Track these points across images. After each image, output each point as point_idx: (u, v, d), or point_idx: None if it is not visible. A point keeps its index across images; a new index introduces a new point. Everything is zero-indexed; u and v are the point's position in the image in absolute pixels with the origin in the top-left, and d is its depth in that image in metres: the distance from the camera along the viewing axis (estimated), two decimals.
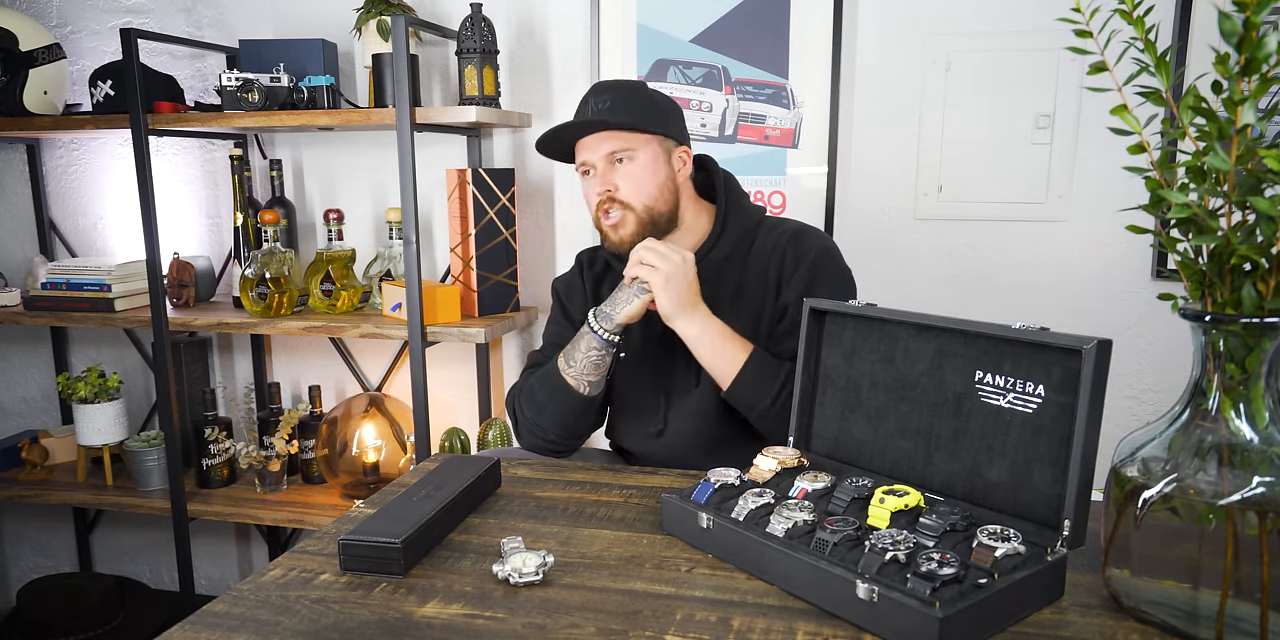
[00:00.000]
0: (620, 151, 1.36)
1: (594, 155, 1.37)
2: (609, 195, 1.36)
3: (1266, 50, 0.71)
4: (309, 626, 0.83)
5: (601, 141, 1.36)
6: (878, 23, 1.90)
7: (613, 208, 1.37)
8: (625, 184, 1.36)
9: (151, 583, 2.60)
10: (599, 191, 1.37)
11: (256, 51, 2.02)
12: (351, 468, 2.19)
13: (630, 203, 1.36)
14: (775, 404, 1.29)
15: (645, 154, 1.37)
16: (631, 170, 1.36)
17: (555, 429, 1.39)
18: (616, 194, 1.36)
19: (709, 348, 1.31)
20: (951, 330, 0.97)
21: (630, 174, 1.36)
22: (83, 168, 2.41)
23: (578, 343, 1.35)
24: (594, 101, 1.37)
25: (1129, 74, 0.81)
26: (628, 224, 1.37)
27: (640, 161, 1.36)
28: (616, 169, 1.37)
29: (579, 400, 1.36)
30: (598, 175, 1.37)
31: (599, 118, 1.35)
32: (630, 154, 1.36)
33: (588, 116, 1.36)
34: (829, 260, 1.40)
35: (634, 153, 1.36)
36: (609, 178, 1.36)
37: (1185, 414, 0.81)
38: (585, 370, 1.34)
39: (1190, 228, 0.79)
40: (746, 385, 1.30)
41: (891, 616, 0.78)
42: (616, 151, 1.36)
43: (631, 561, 0.97)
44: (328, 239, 2.08)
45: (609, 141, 1.36)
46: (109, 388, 2.24)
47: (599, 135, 1.36)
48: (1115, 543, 0.83)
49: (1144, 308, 1.87)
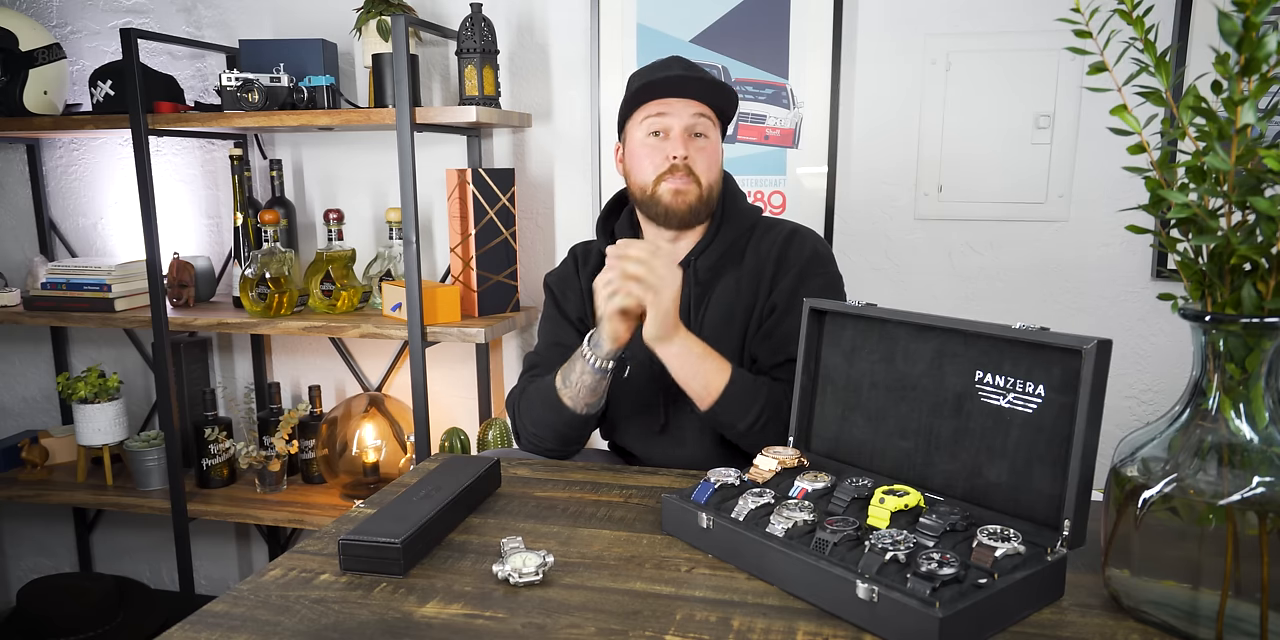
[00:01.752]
0: (702, 125, 1.36)
1: (678, 119, 1.35)
2: (685, 162, 1.35)
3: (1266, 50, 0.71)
4: (309, 626, 0.83)
5: (689, 107, 1.35)
6: (878, 23, 1.90)
7: (684, 175, 1.35)
8: (701, 158, 1.36)
9: (151, 583, 2.60)
10: (677, 155, 1.34)
11: (256, 51, 2.02)
12: (351, 468, 2.19)
13: (700, 177, 1.36)
14: (754, 427, 1.27)
15: (716, 137, 1.39)
16: (707, 147, 1.37)
17: (553, 440, 1.37)
18: (692, 164, 1.35)
19: (689, 369, 1.26)
20: (951, 330, 0.97)
21: (706, 151, 1.37)
22: (83, 168, 2.41)
23: (573, 364, 1.31)
24: (686, 64, 1.36)
25: (1129, 74, 0.81)
26: (690, 194, 1.35)
27: (714, 142, 1.38)
28: (694, 141, 1.36)
29: (576, 418, 1.34)
30: (675, 138, 1.35)
31: (701, 79, 1.34)
32: (709, 132, 1.37)
33: (681, 70, 1.35)
34: (819, 265, 1.39)
35: (711, 131, 1.37)
36: (686, 146, 1.35)
37: (1185, 414, 0.81)
38: (581, 394, 1.31)
39: (1190, 228, 0.79)
40: (725, 408, 1.27)
41: (891, 616, 0.78)
42: (700, 124, 1.36)
43: (631, 561, 0.97)
44: (328, 239, 2.08)
45: (697, 110, 1.36)
46: (109, 388, 2.24)
47: (687, 101, 1.35)
48: (1115, 543, 0.83)
49: (1144, 308, 1.87)
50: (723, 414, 1.28)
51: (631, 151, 1.40)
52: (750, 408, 1.26)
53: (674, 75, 1.33)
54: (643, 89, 1.35)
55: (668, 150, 1.35)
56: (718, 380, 1.26)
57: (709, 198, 1.37)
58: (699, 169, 1.35)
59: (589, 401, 1.33)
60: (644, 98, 1.36)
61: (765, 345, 1.36)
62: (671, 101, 1.36)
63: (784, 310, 1.36)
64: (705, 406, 1.29)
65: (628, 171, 1.42)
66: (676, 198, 1.35)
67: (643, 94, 1.36)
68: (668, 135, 1.36)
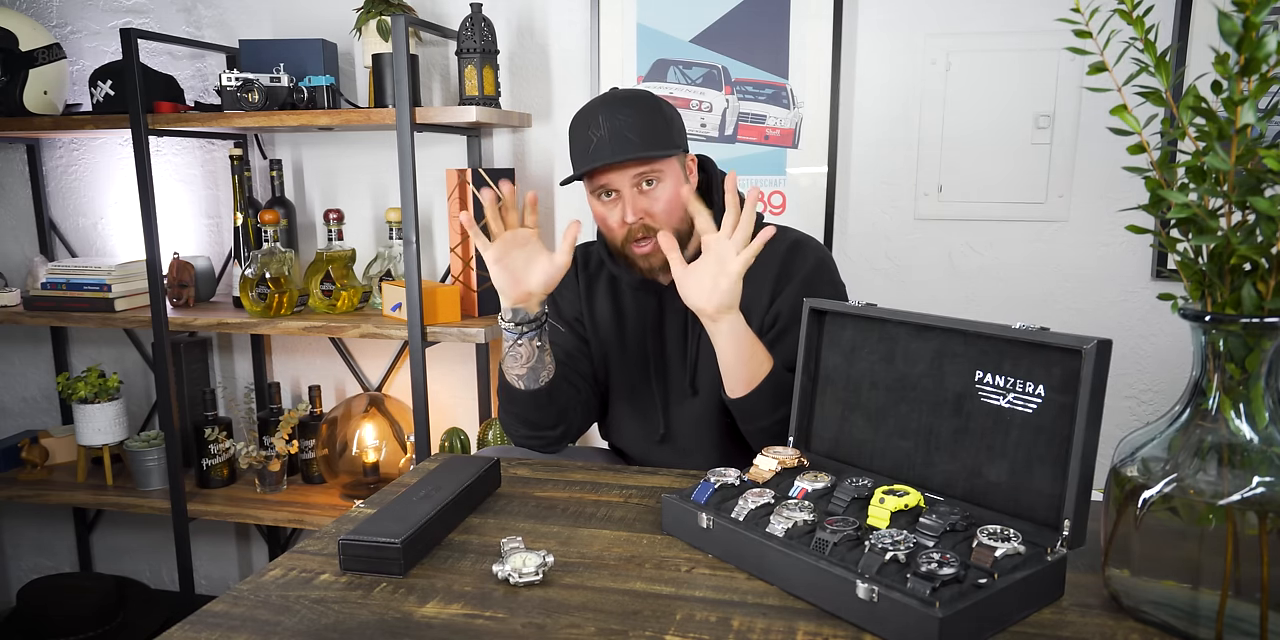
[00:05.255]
0: (650, 175, 1.30)
1: (621, 180, 1.30)
2: (642, 222, 1.31)
3: (1266, 50, 0.71)
4: (309, 626, 0.83)
5: (628, 168, 1.29)
6: (878, 23, 1.90)
7: (647, 234, 1.31)
8: (657, 208, 1.31)
9: (151, 583, 2.60)
10: (631, 219, 1.30)
11: (256, 51, 2.02)
12: (351, 468, 2.19)
13: (663, 226, 1.31)
14: (777, 425, 1.26)
15: (670, 174, 1.32)
16: (661, 193, 1.31)
17: (522, 427, 1.37)
18: (651, 221, 1.31)
19: (742, 351, 1.25)
20: (951, 330, 0.97)
21: (660, 197, 1.31)
22: (83, 168, 2.41)
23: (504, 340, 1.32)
24: (612, 121, 1.28)
25: (1129, 74, 0.81)
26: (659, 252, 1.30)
27: (667, 183, 1.31)
28: (646, 193, 1.31)
29: (525, 396, 1.33)
30: (625, 201, 1.30)
31: (624, 145, 1.27)
32: (659, 176, 1.30)
33: (608, 139, 1.28)
34: (822, 275, 1.38)
35: (661, 174, 1.30)
36: (640, 204, 1.30)
37: (1185, 414, 0.81)
38: (512, 366, 1.31)
39: (1190, 228, 0.79)
40: (760, 398, 1.26)
41: (891, 616, 0.78)
42: (645, 175, 1.29)
43: (631, 561, 0.97)
44: (328, 239, 2.08)
45: (637, 166, 1.29)
46: (109, 388, 2.24)
47: (626, 166, 1.29)
48: (1115, 543, 0.83)
49: (1144, 308, 1.87)
50: (755, 404, 1.27)
51: (593, 210, 1.37)
52: (780, 406, 1.25)
53: (607, 158, 1.27)
54: (587, 173, 1.31)
55: (619, 215, 1.31)
56: (763, 368, 1.27)
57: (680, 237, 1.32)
58: (658, 221, 1.31)
59: (519, 373, 1.32)
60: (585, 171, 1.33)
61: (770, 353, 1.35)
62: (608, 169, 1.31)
63: (788, 321, 1.35)
64: (742, 392, 1.27)
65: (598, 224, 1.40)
66: (649, 259, 1.34)
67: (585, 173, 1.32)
68: (618, 196, 1.31)
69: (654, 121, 1.30)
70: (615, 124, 1.28)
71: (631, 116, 1.29)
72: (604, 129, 1.29)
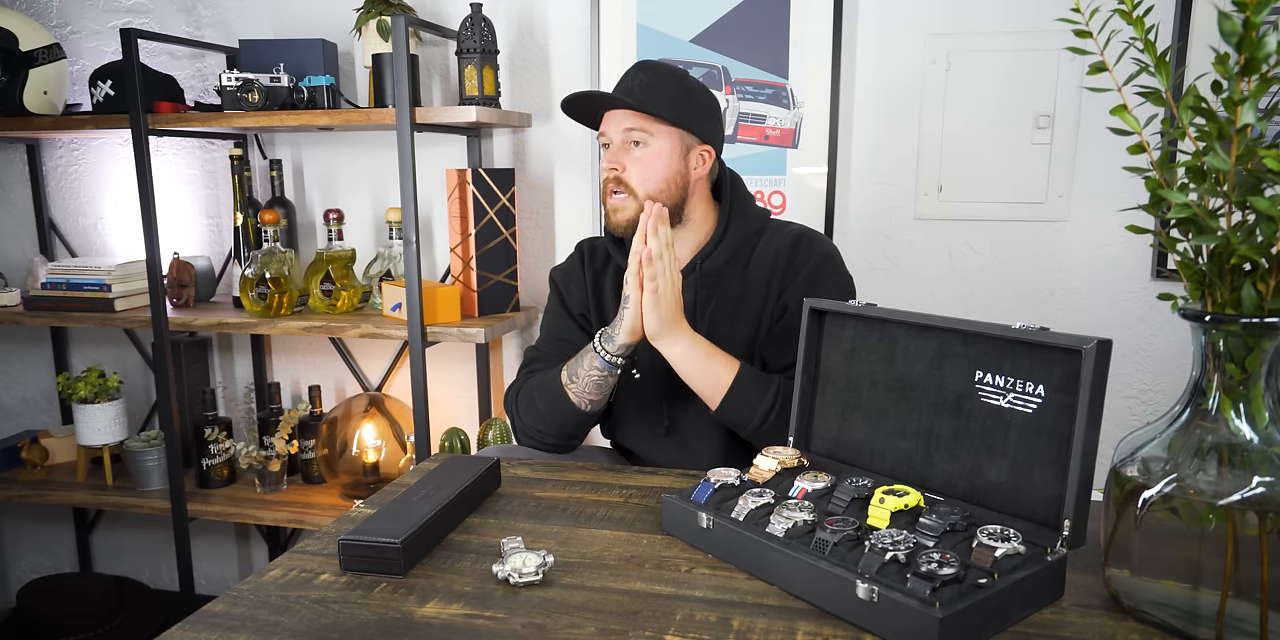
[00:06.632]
0: (638, 134, 1.33)
1: (613, 131, 1.35)
2: (615, 175, 1.34)
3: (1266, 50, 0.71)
4: (309, 626, 0.83)
5: (624, 118, 1.33)
6: (878, 23, 1.90)
7: (618, 189, 1.34)
8: (634, 168, 1.34)
9: (151, 583, 2.60)
10: (606, 168, 1.35)
11: (256, 51, 2.02)
12: (351, 468, 2.19)
13: (634, 188, 1.34)
14: (766, 422, 1.27)
15: (662, 143, 1.34)
16: (643, 156, 1.34)
17: (554, 435, 1.37)
18: (623, 174, 1.34)
19: (695, 368, 1.27)
20: (951, 330, 0.97)
21: (641, 159, 1.34)
22: (83, 168, 2.41)
23: (581, 359, 1.32)
24: (632, 77, 1.34)
25: (1129, 74, 0.81)
26: (628, 209, 1.34)
27: (654, 149, 1.34)
28: (630, 151, 1.34)
29: (580, 415, 1.34)
30: (612, 151, 1.35)
31: (626, 95, 1.32)
32: (647, 139, 1.33)
33: (615, 86, 1.34)
34: (828, 268, 1.38)
35: (650, 139, 1.33)
36: (619, 157, 1.34)
37: (1185, 414, 0.81)
38: (587, 389, 1.31)
39: (1190, 228, 0.79)
40: (735, 405, 1.27)
41: (891, 616, 0.78)
42: (634, 132, 1.33)
43: (631, 561, 0.97)
44: (328, 239, 2.08)
45: (630, 120, 1.33)
46: (109, 388, 2.24)
47: (624, 112, 1.34)
48: (1115, 543, 0.83)
49: (1144, 308, 1.87)
50: (734, 412, 1.28)
51: None
52: (759, 403, 1.27)
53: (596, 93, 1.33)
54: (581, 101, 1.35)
55: (605, 163, 1.35)
56: (725, 376, 1.27)
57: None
58: (632, 180, 1.33)
59: (593, 398, 1.32)
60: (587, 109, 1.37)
61: (774, 347, 1.36)
62: (611, 114, 1.36)
63: (794, 312, 1.34)
64: (715, 405, 1.29)
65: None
66: (615, 214, 1.36)
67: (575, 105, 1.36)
68: (611, 147, 1.36)
69: (669, 89, 1.34)
70: (633, 79, 1.34)
71: (650, 78, 1.34)
72: (625, 82, 1.34)
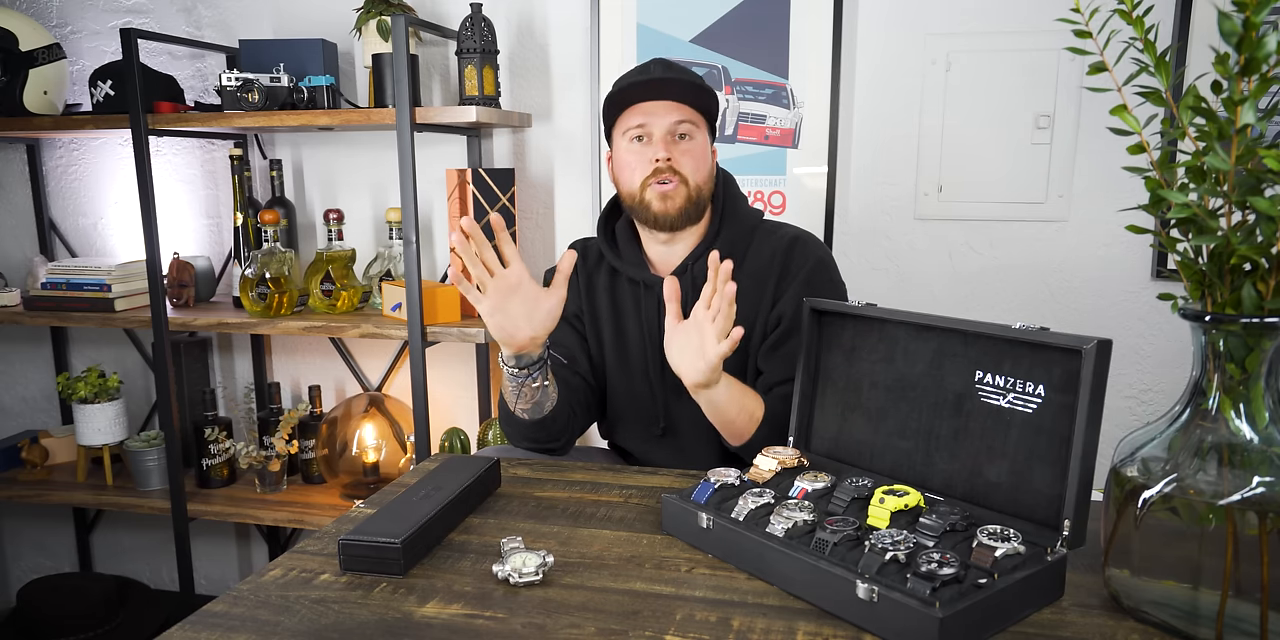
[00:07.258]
0: (686, 126, 1.34)
1: (658, 123, 1.33)
2: (669, 164, 1.33)
3: (1266, 50, 0.71)
4: (309, 626, 0.83)
5: (670, 110, 1.34)
6: (878, 23, 1.90)
7: (669, 178, 1.33)
8: (686, 160, 1.34)
9: (151, 583, 2.60)
10: (660, 157, 1.33)
11: (256, 51, 2.02)
12: (351, 468, 2.19)
13: (688, 177, 1.34)
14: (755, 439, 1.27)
15: (704, 137, 1.38)
16: (691, 148, 1.35)
17: (528, 440, 1.37)
18: (677, 165, 1.34)
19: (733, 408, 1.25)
20: (951, 330, 0.97)
21: (690, 151, 1.35)
22: (83, 168, 2.41)
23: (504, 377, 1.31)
24: (667, 66, 1.35)
25: (1129, 74, 0.81)
26: (678, 196, 1.33)
27: (699, 142, 1.36)
28: (678, 143, 1.35)
29: (529, 424, 1.33)
30: (657, 142, 1.34)
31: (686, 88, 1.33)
32: (693, 132, 1.35)
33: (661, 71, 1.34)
34: (823, 274, 1.37)
35: (696, 132, 1.36)
36: (669, 149, 1.34)
37: (1185, 414, 0.81)
38: (514, 400, 1.30)
39: (1190, 228, 0.79)
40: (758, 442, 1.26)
41: (891, 616, 0.78)
42: (682, 124, 1.34)
43: (631, 561, 0.97)
44: (328, 239, 2.08)
45: (678, 112, 1.34)
46: (109, 388, 2.24)
47: (667, 104, 1.34)
48: (1115, 543, 0.83)
49: (1144, 308, 1.87)
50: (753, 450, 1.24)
51: (618, 159, 1.39)
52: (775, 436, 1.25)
53: (654, 78, 1.32)
54: (621, 94, 1.34)
55: (650, 154, 1.34)
56: (754, 418, 1.27)
57: (698, 199, 1.35)
58: (685, 169, 1.34)
59: (524, 407, 1.30)
60: (624, 103, 1.36)
61: (772, 361, 1.35)
62: (651, 106, 1.35)
63: (791, 323, 1.34)
64: (737, 444, 1.29)
65: (617, 179, 1.41)
66: (664, 202, 1.34)
67: (620, 99, 1.35)
68: (650, 140, 1.35)
69: (701, 83, 1.37)
70: (670, 68, 1.36)
71: (685, 74, 1.37)
72: (657, 70, 1.35)
